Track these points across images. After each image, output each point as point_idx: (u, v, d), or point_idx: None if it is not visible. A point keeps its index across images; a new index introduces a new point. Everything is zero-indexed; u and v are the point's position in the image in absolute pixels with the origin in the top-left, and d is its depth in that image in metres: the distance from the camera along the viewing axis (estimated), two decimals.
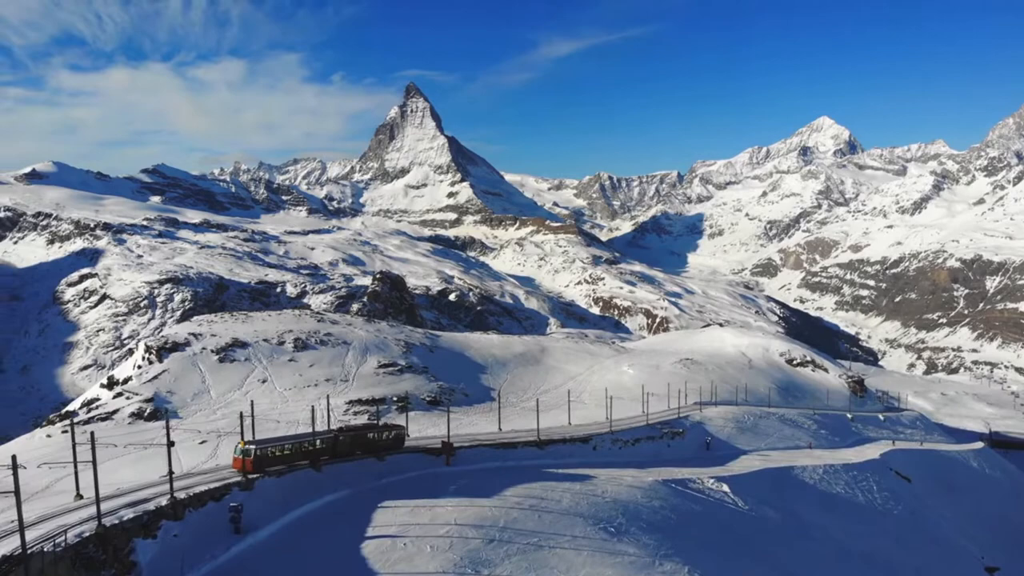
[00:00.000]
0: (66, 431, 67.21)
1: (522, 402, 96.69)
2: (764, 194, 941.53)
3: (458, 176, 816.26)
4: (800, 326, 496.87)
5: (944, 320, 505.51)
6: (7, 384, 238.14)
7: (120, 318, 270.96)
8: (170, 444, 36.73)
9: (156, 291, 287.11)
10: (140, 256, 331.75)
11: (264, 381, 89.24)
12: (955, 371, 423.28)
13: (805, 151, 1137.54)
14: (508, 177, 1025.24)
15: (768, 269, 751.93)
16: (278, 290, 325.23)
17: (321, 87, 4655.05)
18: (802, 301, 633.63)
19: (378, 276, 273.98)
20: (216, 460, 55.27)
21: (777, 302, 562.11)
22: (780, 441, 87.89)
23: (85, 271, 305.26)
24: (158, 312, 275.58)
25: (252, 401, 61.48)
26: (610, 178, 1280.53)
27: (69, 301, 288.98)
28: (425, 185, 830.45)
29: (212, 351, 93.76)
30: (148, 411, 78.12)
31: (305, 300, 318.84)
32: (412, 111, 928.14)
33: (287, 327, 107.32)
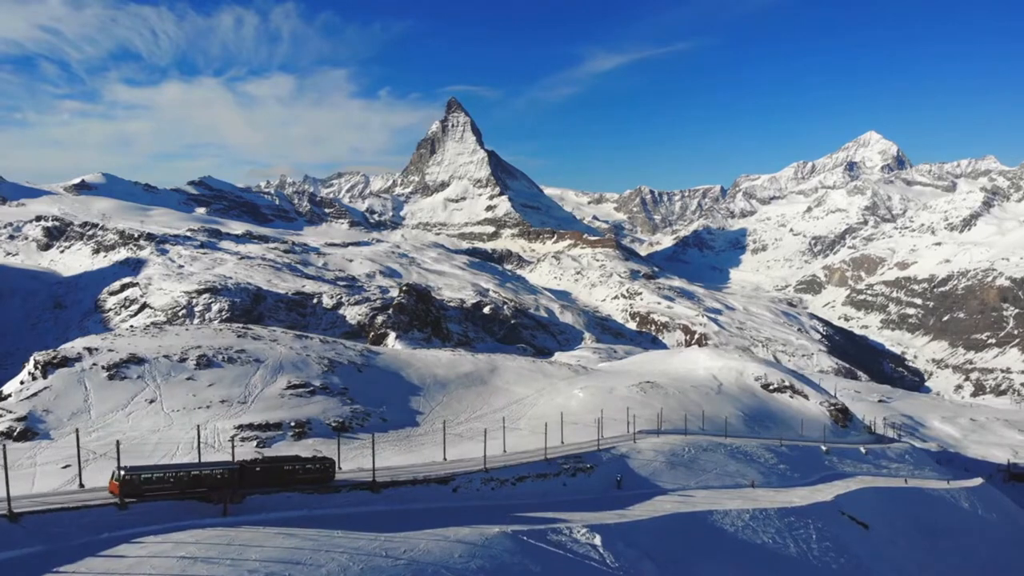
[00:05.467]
0: None
1: (450, 428, 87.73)
2: (809, 209, 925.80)
3: (497, 190, 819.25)
4: (844, 345, 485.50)
5: (993, 340, 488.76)
6: None
7: (158, 327, 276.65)
8: None
9: (195, 301, 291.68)
10: (181, 266, 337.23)
11: (152, 401, 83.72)
12: (1003, 393, 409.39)
13: (851, 166, 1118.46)
14: (548, 191, 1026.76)
15: (812, 286, 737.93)
16: (315, 301, 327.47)
17: (367, 102, 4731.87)
18: (847, 319, 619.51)
19: (404, 288, 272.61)
20: (73, 486, 50.59)
21: (821, 320, 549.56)
22: (718, 478, 77.52)
23: (127, 280, 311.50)
24: (196, 321, 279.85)
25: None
26: (651, 192, 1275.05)
27: (110, 309, 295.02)
28: (464, 199, 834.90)
29: (103, 367, 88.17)
30: (18, 430, 72.72)
31: (341, 311, 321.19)
32: (453, 126, 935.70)
33: (197, 342, 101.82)
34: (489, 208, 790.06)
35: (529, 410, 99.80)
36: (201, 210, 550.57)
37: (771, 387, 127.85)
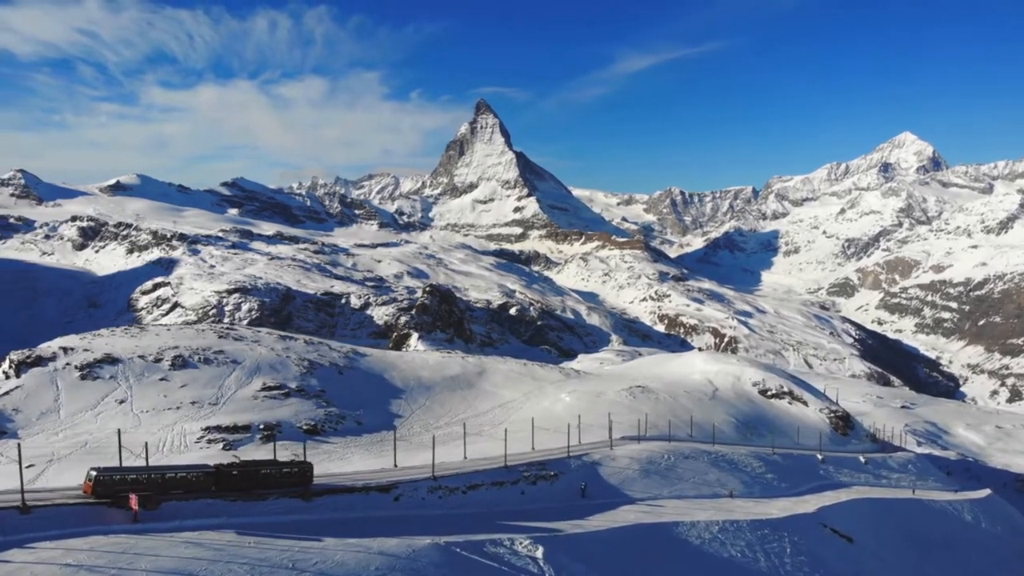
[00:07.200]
0: None
1: (425, 432, 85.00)
2: (842, 211, 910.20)
3: (525, 191, 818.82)
4: (877, 349, 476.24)
5: None
6: None
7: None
8: None
9: (225, 300, 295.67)
10: (212, 266, 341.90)
11: (122, 402, 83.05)
12: None
13: (886, 167, 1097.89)
14: (577, 192, 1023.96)
15: (845, 289, 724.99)
16: (343, 301, 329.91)
17: (399, 104, 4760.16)
18: (880, 323, 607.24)
19: (427, 289, 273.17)
20: (34, 485, 50.17)
21: (853, 323, 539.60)
22: (695, 488, 72.77)
23: (159, 280, 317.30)
24: (226, 321, 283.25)
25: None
26: (681, 193, 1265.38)
27: (143, 309, 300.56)
28: (492, 200, 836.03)
29: (76, 367, 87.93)
30: None
31: (368, 312, 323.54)
32: (482, 127, 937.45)
33: (175, 343, 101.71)
34: (517, 209, 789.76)
35: (513, 414, 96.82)
36: (233, 211, 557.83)
37: (769, 393, 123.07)
